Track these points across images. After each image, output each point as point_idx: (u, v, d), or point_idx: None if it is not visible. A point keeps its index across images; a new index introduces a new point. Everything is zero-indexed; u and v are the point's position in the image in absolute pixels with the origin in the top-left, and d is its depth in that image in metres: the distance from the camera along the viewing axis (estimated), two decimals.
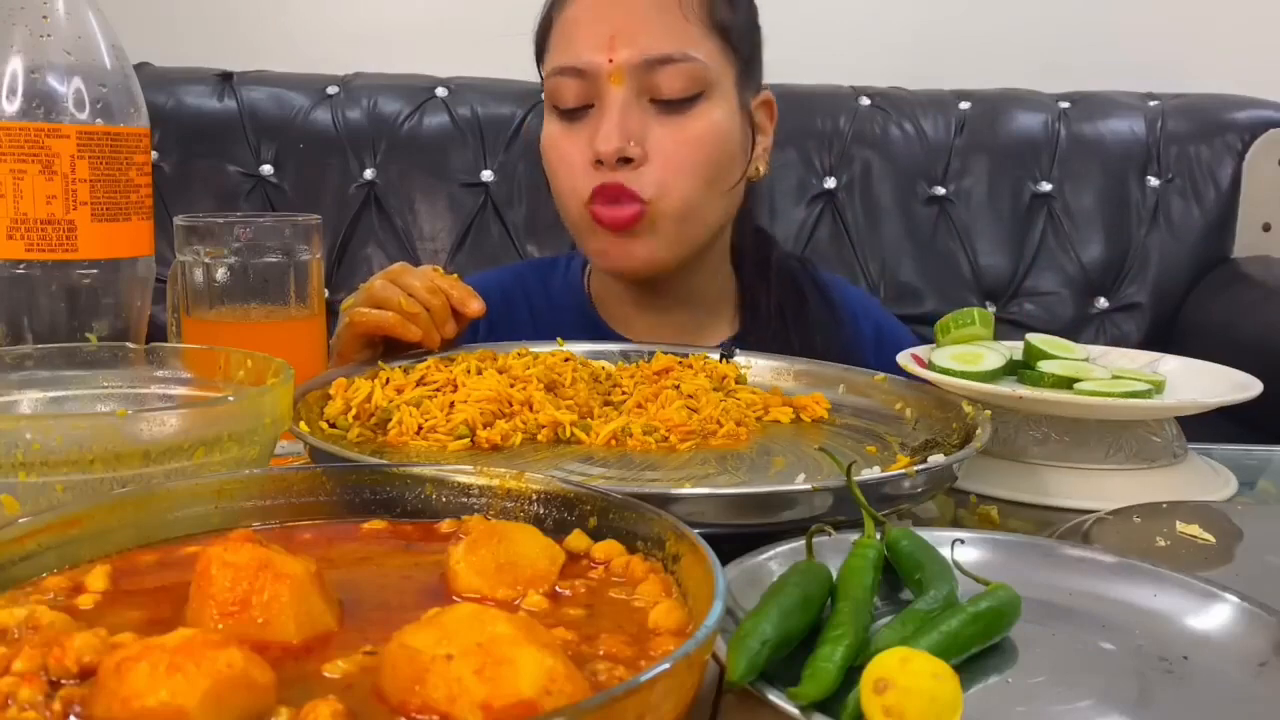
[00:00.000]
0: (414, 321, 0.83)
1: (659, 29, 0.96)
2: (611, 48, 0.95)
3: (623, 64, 0.95)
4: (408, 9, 1.96)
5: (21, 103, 0.69)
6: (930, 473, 0.60)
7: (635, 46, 0.96)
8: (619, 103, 0.96)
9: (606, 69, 0.96)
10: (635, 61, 0.96)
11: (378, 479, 0.50)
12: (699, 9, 0.98)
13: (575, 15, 1.00)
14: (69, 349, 0.65)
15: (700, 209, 1.00)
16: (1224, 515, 0.68)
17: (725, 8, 1.00)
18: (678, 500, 0.53)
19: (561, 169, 1.01)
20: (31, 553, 0.42)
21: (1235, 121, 1.77)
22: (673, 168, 0.97)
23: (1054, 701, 0.42)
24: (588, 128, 0.98)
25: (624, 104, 0.96)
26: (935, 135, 1.75)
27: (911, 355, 0.80)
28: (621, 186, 0.96)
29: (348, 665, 0.35)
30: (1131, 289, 1.74)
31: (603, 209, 0.97)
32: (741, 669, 0.39)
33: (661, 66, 0.96)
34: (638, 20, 0.97)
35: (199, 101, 1.70)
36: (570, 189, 1.00)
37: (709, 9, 0.99)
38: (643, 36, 0.96)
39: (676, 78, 0.96)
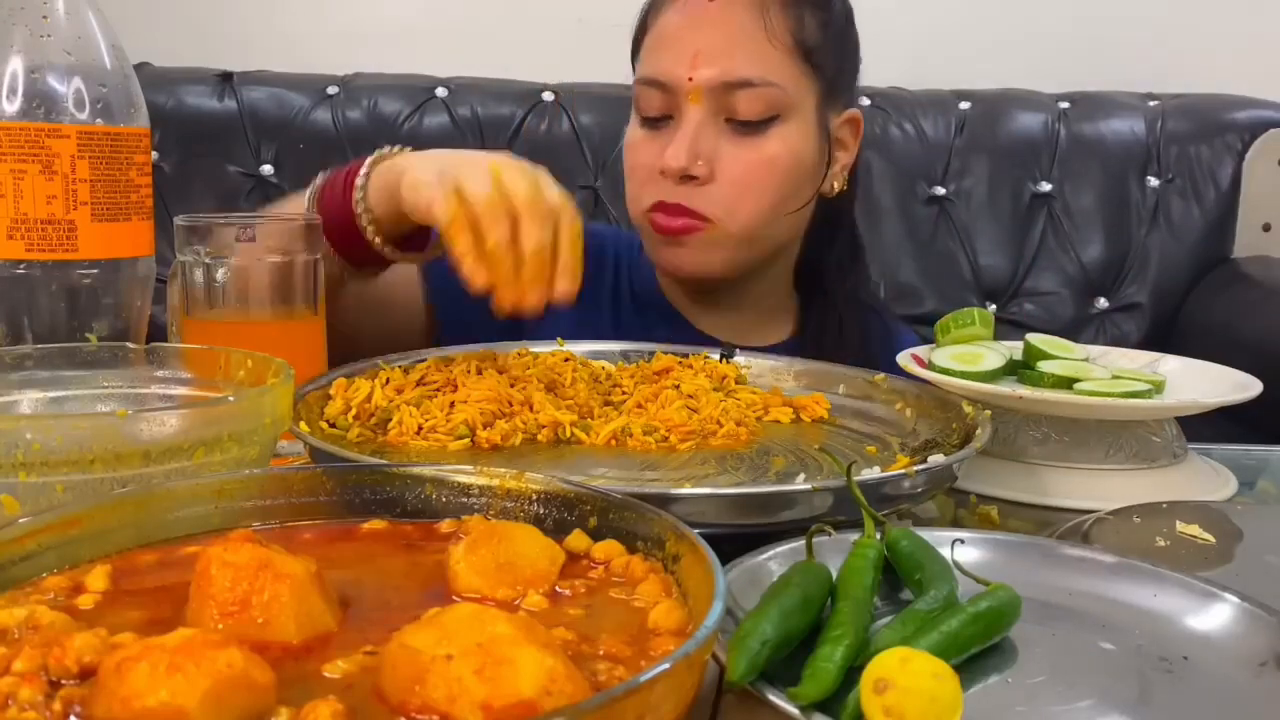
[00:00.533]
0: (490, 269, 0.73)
1: (742, 51, 0.97)
2: (693, 65, 0.97)
3: (702, 83, 0.97)
4: (408, 9, 1.96)
5: (21, 103, 0.69)
6: (930, 473, 0.60)
7: (716, 67, 0.97)
8: (694, 121, 0.97)
9: (686, 86, 0.97)
10: (714, 82, 0.97)
11: (378, 479, 0.50)
12: (784, 33, 0.99)
13: (665, 27, 1.01)
14: (69, 349, 0.65)
15: (764, 230, 1.02)
16: (1224, 515, 0.68)
17: (813, 30, 1.00)
18: (678, 500, 0.53)
19: (633, 173, 1.04)
20: (31, 553, 0.42)
21: (1235, 121, 1.77)
22: (739, 190, 0.99)
23: (1054, 701, 0.42)
24: (664, 138, 1.00)
25: (699, 122, 0.97)
26: (935, 135, 1.75)
27: (911, 355, 0.80)
28: (680, 206, 0.98)
29: (348, 665, 0.35)
30: (1131, 289, 1.74)
31: (660, 216, 1.00)
32: (741, 669, 0.39)
33: (740, 89, 0.97)
34: (722, 41, 0.97)
35: (199, 101, 1.70)
36: (635, 194, 1.03)
37: (795, 32, 0.99)
38: (725, 58, 0.97)
39: (754, 101, 0.97)
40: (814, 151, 1.03)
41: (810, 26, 1.00)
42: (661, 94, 0.99)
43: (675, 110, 0.99)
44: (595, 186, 1.70)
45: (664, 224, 1.00)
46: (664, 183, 0.99)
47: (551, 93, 1.74)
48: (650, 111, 1.01)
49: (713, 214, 0.99)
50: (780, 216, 1.02)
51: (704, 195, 0.98)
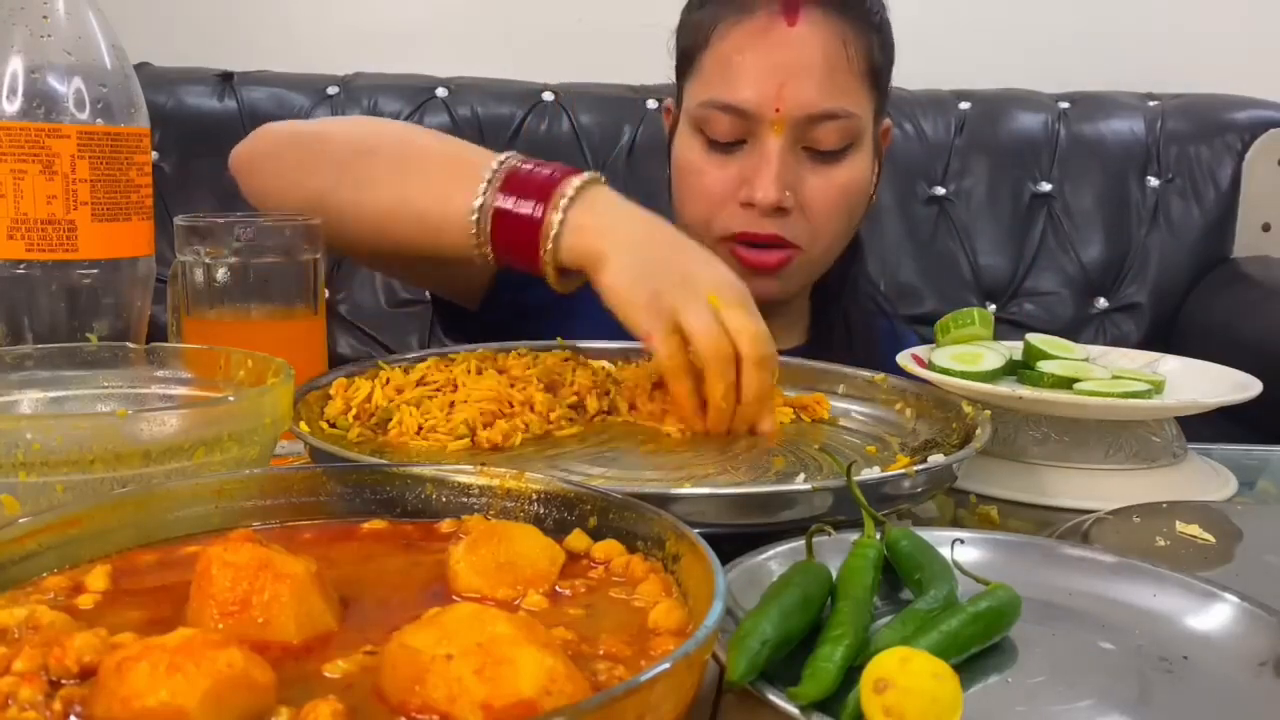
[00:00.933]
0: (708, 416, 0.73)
1: (827, 83, 0.96)
2: (780, 96, 0.95)
3: (788, 114, 0.95)
4: (408, 9, 1.96)
5: (22, 103, 0.69)
6: (930, 473, 0.60)
7: (802, 98, 0.95)
8: (777, 152, 0.96)
9: (771, 116, 0.95)
10: (800, 114, 0.96)
11: (378, 479, 0.50)
12: (862, 63, 0.98)
13: (743, 48, 0.97)
14: (69, 349, 0.65)
15: (834, 250, 1.04)
16: (1224, 515, 0.68)
17: (880, 54, 1.01)
18: (678, 500, 0.53)
19: (702, 200, 1.01)
20: (31, 553, 0.42)
21: (1235, 121, 1.77)
22: (821, 217, 0.99)
23: (1054, 701, 0.42)
24: (738, 163, 0.98)
25: (782, 153, 0.96)
26: (935, 135, 1.75)
27: (911, 355, 0.80)
28: (775, 237, 0.98)
29: (348, 665, 0.35)
30: (1131, 289, 1.74)
31: (747, 252, 0.99)
32: (741, 669, 0.39)
33: (823, 121, 0.96)
34: (807, 71, 0.96)
35: (199, 101, 1.70)
36: (706, 220, 1.01)
37: (869, 57, 0.99)
38: (811, 89, 0.95)
39: (834, 132, 0.97)
40: (872, 170, 1.05)
41: (876, 50, 1.00)
42: (738, 120, 0.97)
43: (751, 137, 0.98)
44: None
45: (755, 259, 0.98)
46: (745, 214, 0.98)
47: (551, 93, 1.74)
48: (722, 136, 0.98)
49: (800, 242, 0.99)
50: (848, 235, 1.05)
51: (790, 225, 0.98)
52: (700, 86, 1.01)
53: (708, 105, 0.99)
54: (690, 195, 1.02)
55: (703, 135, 1.00)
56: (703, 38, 1.01)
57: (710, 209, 1.00)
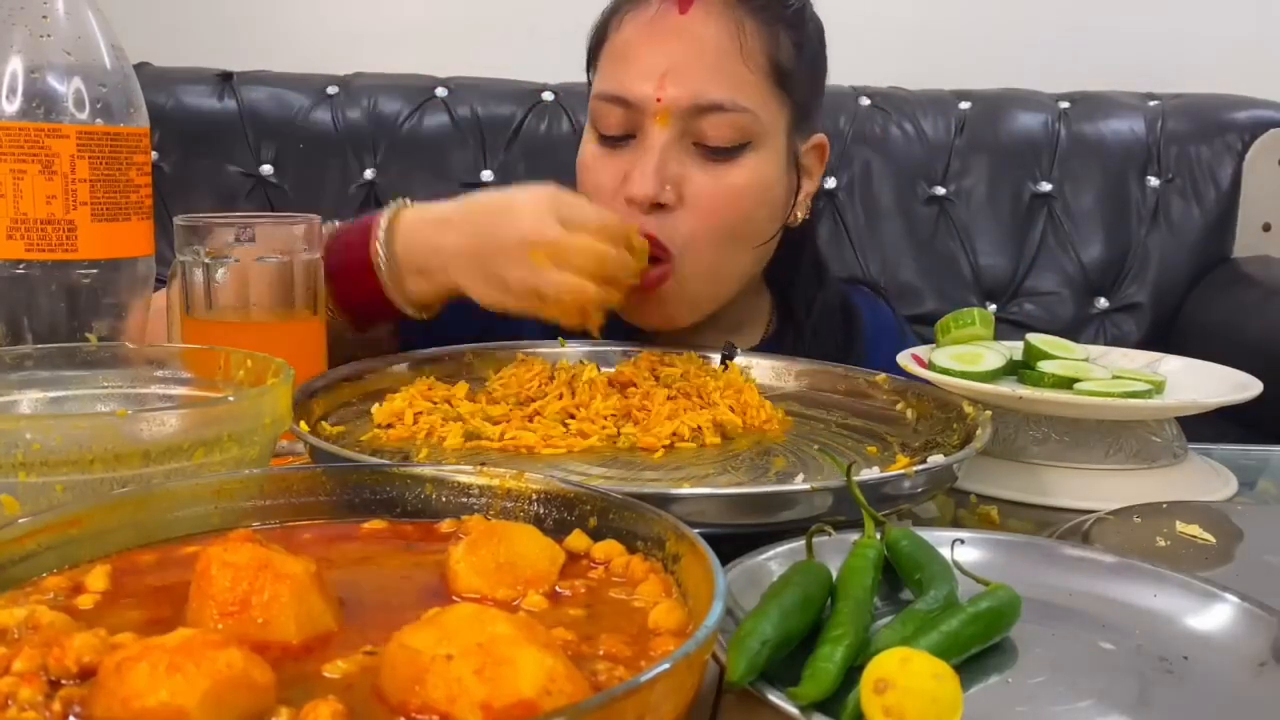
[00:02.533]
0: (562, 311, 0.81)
1: (715, 73, 0.90)
2: (662, 85, 0.89)
3: (670, 104, 0.89)
4: (408, 9, 1.96)
5: (21, 103, 0.69)
6: (930, 473, 0.60)
7: (686, 88, 0.89)
8: (660, 144, 0.90)
9: (653, 106, 0.90)
10: (684, 104, 0.89)
11: (378, 479, 0.50)
12: (760, 54, 0.92)
13: (630, 39, 0.94)
14: (69, 349, 0.65)
15: (727, 267, 0.95)
16: (1224, 515, 0.68)
17: (789, 54, 0.94)
18: (678, 500, 0.53)
19: (596, 198, 0.94)
20: (31, 553, 0.42)
21: (1235, 121, 1.77)
22: (705, 218, 0.91)
23: (1054, 701, 0.42)
24: (626, 157, 0.92)
25: (665, 146, 0.90)
26: (935, 135, 1.75)
27: (911, 355, 0.80)
28: (653, 238, 0.89)
29: (348, 665, 0.35)
30: (1131, 289, 1.74)
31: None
32: (741, 669, 0.39)
33: (710, 113, 0.90)
34: (694, 60, 0.90)
35: (199, 101, 1.70)
36: None
37: (771, 53, 0.92)
38: (696, 79, 0.89)
39: (724, 126, 0.90)
40: (783, 181, 0.96)
41: (785, 48, 0.94)
42: (624, 112, 0.92)
43: (638, 130, 0.91)
44: None
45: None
46: (629, 213, 0.91)
47: (551, 93, 1.74)
48: (610, 130, 0.93)
49: (675, 248, 0.90)
50: (744, 251, 0.95)
51: (669, 223, 0.90)
52: (596, 82, 0.98)
53: (597, 98, 0.95)
54: (583, 192, 0.96)
55: (595, 131, 0.96)
56: (603, 33, 0.98)
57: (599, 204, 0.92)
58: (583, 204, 0.84)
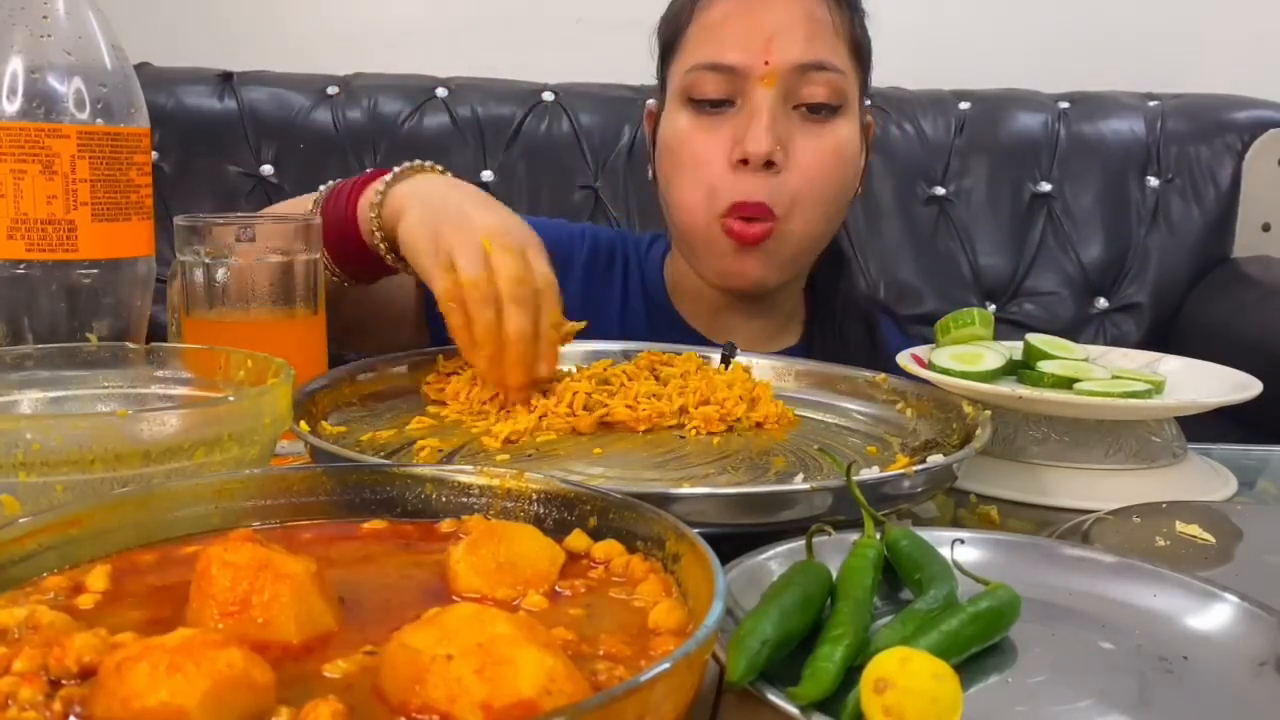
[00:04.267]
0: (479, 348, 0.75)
1: (813, 36, 0.96)
2: (768, 50, 0.95)
3: (778, 66, 0.94)
4: (408, 9, 1.96)
5: (21, 103, 0.69)
6: (930, 473, 0.60)
7: (792, 51, 0.95)
8: (769, 104, 0.94)
9: (760, 70, 0.95)
10: (790, 65, 0.95)
11: (378, 479, 0.50)
12: (842, 25, 0.99)
13: (725, 14, 0.98)
14: (69, 349, 0.65)
15: (820, 228, 1.00)
16: (1224, 515, 0.68)
17: (860, 27, 1.02)
18: (678, 500, 0.53)
19: (695, 168, 0.98)
20: (31, 553, 0.42)
21: (1235, 121, 1.77)
22: (809, 179, 0.96)
23: (1054, 701, 0.42)
24: (729, 125, 0.96)
25: (773, 106, 0.95)
26: (935, 135, 1.75)
27: (911, 355, 0.80)
28: (761, 204, 0.95)
29: (348, 665, 0.35)
30: (1131, 289, 1.74)
31: (738, 224, 0.96)
32: (741, 669, 0.39)
33: (813, 73, 0.95)
34: (794, 25, 0.96)
35: (199, 101, 1.70)
36: (703, 191, 0.98)
37: (850, 27, 1.00)
38: (799, 42, 0.95)
39: (824, 86, 0.96)
40: (860, 147, 1.03)
41: (858, 25, 1.01)
42: (726, 79, 0.96)
43: (739, 95, 0.96)
44: (595, 187, 1.69)
45: (743, 231, 0.96)
46: (740, 177, 0.95)
47: (551, 93, 1.74)
48: (711, 95, 0.96)
49: (781, 209, 0.96)
50: (833, 215, 1.01)
51: (777, 184, 0.95)
52: (686, 57, 1.00)
53: (695, 69, 0.98)
54: (680, 168, 0.99)
55: (690, 105, 0.98)
56: (685, 19, 1.01)
57: (702, 177, 0.97)
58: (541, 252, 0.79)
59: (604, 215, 1.69)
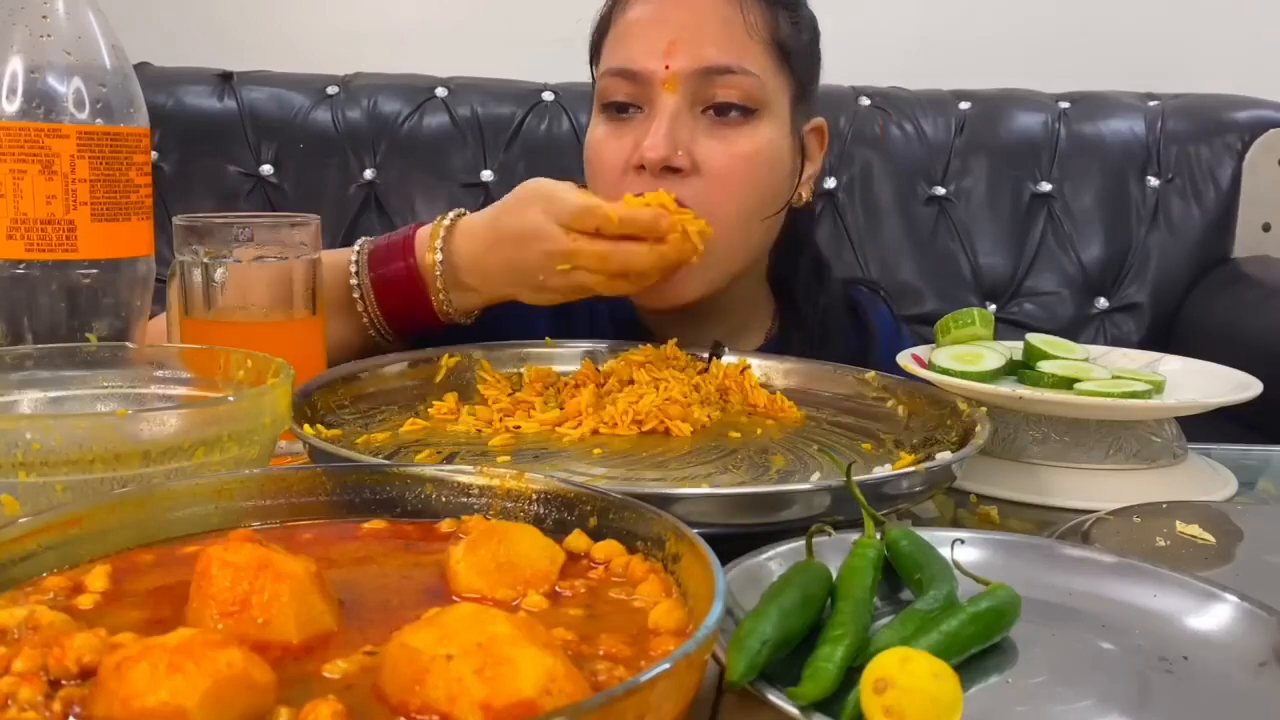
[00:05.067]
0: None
1: (719, 40, 0.93)
2: (669, 54, 0.92)
3: (679, 71, 0.92)
4: (408, 9, 1.96)
5: (21, 103, 0.69)
6: (930, 472, 0.60)
7: (693, 54, 0.92)
8: (670, 109, 0.92)
9: (661, 74, 0.92)
10: (691, 69, 0.92)
11: (378, 479, 0.50)
12: (762, 27, 0.95)
13: (635, 17, 0.97)
14: (69, 349, 0.65)
15: (741, 235, 0.96)
16: (1224, 515, 0.68)
17: (789, 29, 0.98)
18: (678, 500, 0.53)
19: (601, 174, 0.97)
20: (31, 553, 0.42)
21: (1235, 121, 1.77)
22: (719, 183, 0.93)
23: (1054, 701, 0.42)
24: (634, 131, 0.94)
25: (675, 111, 0.92)
26: (935, 135, 1.75)
27: (911, 355, 0.80)
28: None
29: (348, 665, 0.35)
30: (1131, 289, 1.74)
31: None
32: (741, 669, 0.39)
33: (718, 76, 0.93)
34: (698, 28, 0.93)
35: (199, 101, 1.70)
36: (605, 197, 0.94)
37: (772, 29, 0.96)
38: (702, 45, 0.93)
39: (731, 90, 0.93)
40: (789, 154, 0.99)
41: (785, 26, 0.97)
42: (632, 85, 0.94)
43: (646, 102, 0.94)
44: None
45: None
46: (640, 181, 0.92)
47: (551, 93, 1.74)
48: (617, 99, 0.95)
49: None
50: (755, 221, 0.97)
51: (682, 191, 0.90)
52: (603, 64, 1.00)
53: (605, 74, 0.97)
54: (592, 174, 0.99)
55: (603, 111, 0.98)
56: (606, 21, 1.01)
57: (609, 181, 0.95)
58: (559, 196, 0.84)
59: None
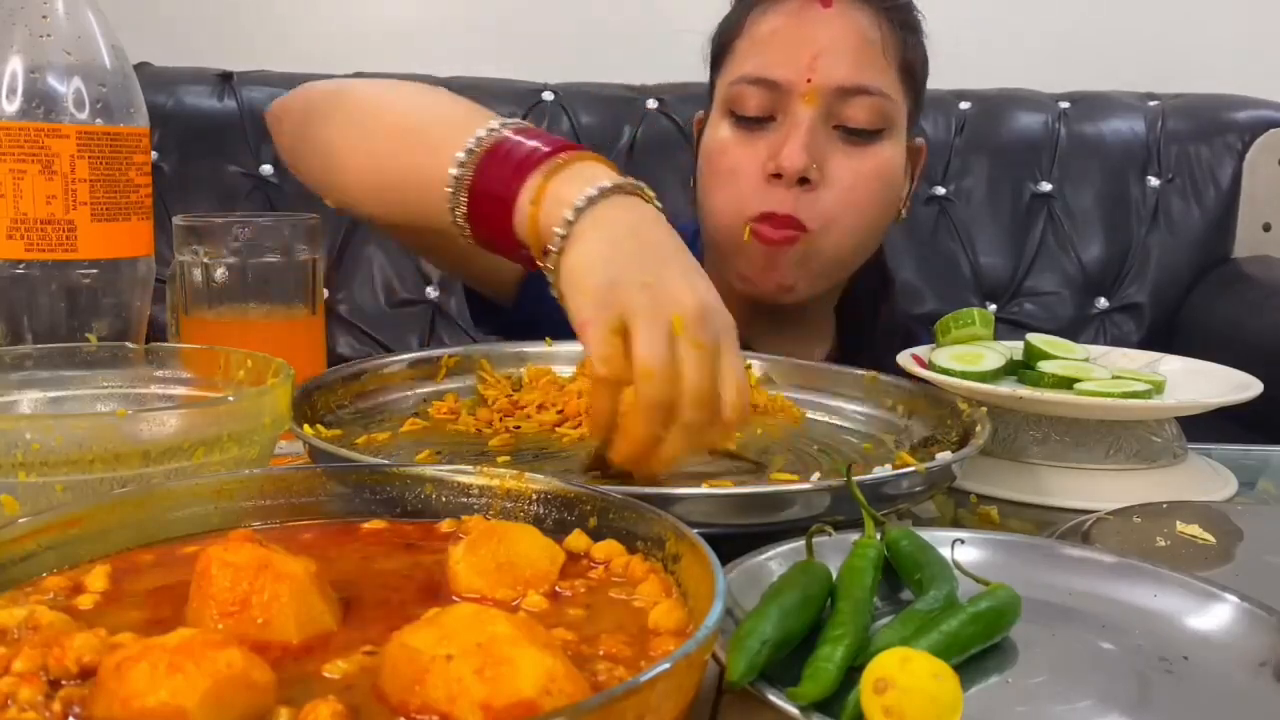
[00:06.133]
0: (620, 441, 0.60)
1: (860, 59, 0.96)
2: (812, 68, 0.94)
3: (820, 85, 0.94)
4: (407, 8, 1.96)
5: (21, 103, 0.69)
6: (930, 472, 0.60)
7: (836, 72, 0.95)
8: (808, 122, 0.94)
9: (802, 87, 0.94)
10: (832, 86, 0.95)
11: (378, 479, 0.50)
12: (893, 48, 0.98)
13: (776, 29, 0.98)
14: (69, 349, 0.65)
15: (854, 246, 1.00)
16: (1224, 515, 0.68)
17: (913, 49, 1.01)
18: (678, 500, 0.53)
19: (731, 179, 0.98)
20: (31, 553, 0.42)
21: (1235, 121, 1.77)
22: (844, 199, 0.96)
23: (1054, 701, 0.42)
24: (766, 140, 0.96)
25: (812, 125, 0.94)
26: (935, 135, 1.75)
27: (912, 355, 0.80)
28: (792, 217, 0.94)
29: (348, 665, 0.35)
30: (1131, 289, 1.74)
31: (767, 229, 0.95)
32: (741, 669, 0.39)
33: (855, 96, 0.95)
34: (841, 46, 0.95)
35: (199, 101, 1.70)
36: (735, 201, 0.98)
37: (901, 49, 0.99)
38: (846, 63, 0.95)
39: (866, 109, 0.96)
40: (904, 171, 1.02)
41: (912, 47, 1.01)
42: (768, 94, 0.96)
43: (781, 112, 0.96)
44: None
45: (769, 234, 0.95)
46: (772, 190, 0.95)
47: (551, 93, 1.74)
48: (752, 111, 0.97)
49: (814, 225, 0.95)
50: (869, 235, 1.00)
51: (810, 202, 0.95)
52: (733, 69, 1.00)
53: (739, 81, 0.98)
54: (716, 177, 1.00)
55: (732, 116, 0.99)
56: (737, 27, 1.01)
57: (736, 187, 0.97)
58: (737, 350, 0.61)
59: None
